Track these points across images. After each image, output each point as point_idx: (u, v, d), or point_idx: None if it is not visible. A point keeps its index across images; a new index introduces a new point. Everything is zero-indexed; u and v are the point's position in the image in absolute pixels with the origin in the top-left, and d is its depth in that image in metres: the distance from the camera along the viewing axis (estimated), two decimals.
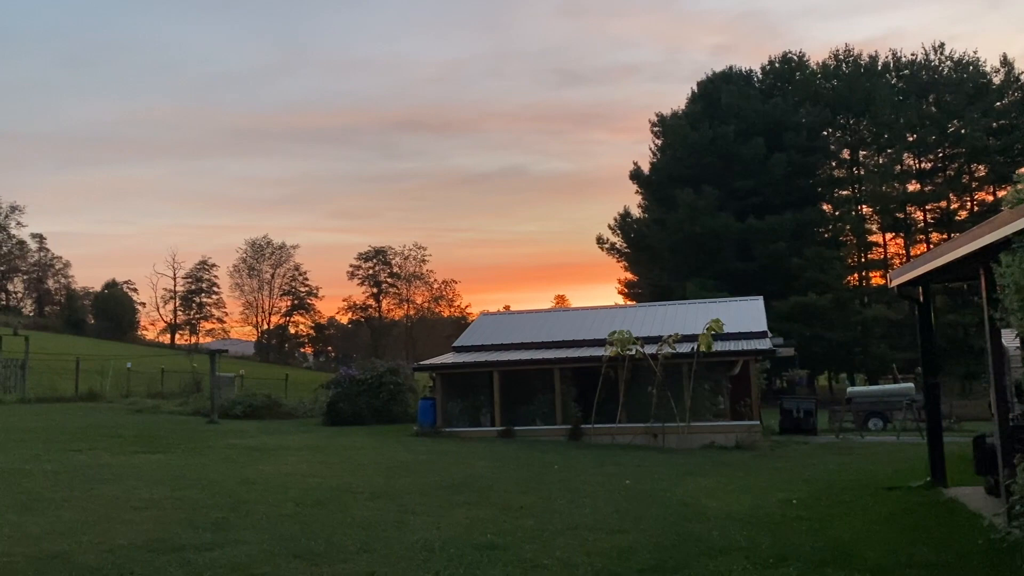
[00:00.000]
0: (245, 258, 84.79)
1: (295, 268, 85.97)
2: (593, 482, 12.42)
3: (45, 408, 25.08)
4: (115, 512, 9.20)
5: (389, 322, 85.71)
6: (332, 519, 9.03)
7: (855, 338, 48.52)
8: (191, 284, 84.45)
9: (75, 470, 12.33)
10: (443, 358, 22.72)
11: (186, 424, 22.00)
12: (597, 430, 19.39)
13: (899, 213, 53.64)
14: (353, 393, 24.71)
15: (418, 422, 21.11)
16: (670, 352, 19.22)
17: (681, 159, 52.55)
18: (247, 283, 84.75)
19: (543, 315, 26.52)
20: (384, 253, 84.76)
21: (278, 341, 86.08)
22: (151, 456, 14.41)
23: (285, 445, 16.82)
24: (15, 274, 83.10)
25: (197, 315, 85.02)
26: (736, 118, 52.08)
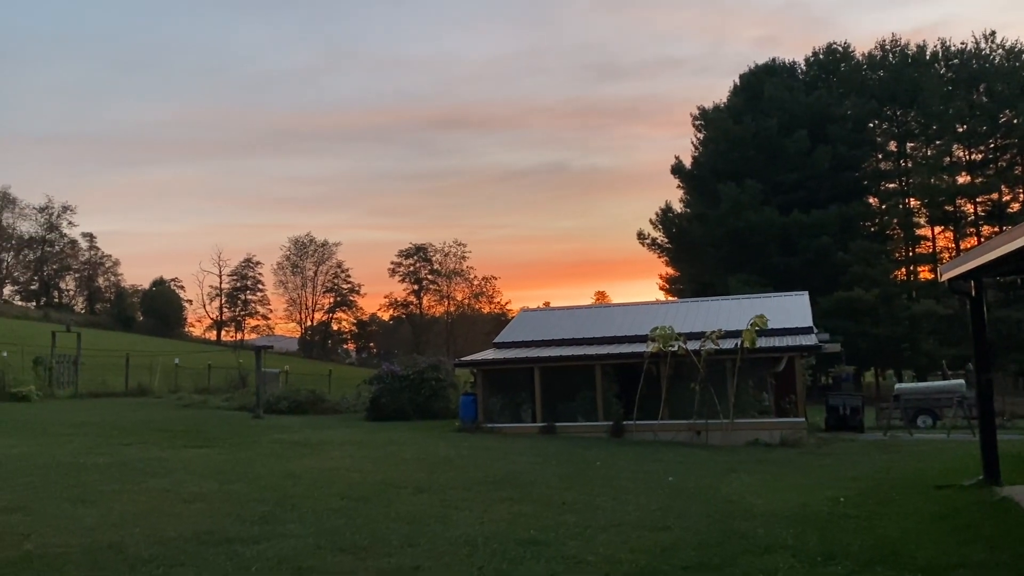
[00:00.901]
0: (289, 256, 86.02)
1: (338, 265, 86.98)
2: (636, 479, 12.34)
3: (97, 403, 25.74)
4: (165, 505, 9.39)
5: (430, 319, 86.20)
6: (376, 513, 9.11)
7: (903, 334, 47.52)
8: (236, 281, 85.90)
9: (126, 463, 12.63)
10: (484, 354, 22.76)
11: (232, 419, 22.40)
12: (639, 427, 19.27)
13: (948, 206, 52.39)
14: (395, 389, 24.87)
15: (459, 418, 21.18)
16: (713, 348, 19.01)
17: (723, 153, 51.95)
18: (291, 280, 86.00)
19: (584, 311, 26.43)
20: (425, 250, 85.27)
21: (321, 337, 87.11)
22: (199, 450, 14.70)
23: (329, 440, 17.01)
24: (67, 272, 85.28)
25: (242, 312, 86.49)
26: (779, 111, 51.33)
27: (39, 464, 12.24)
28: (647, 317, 22.75)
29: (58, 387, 27.84)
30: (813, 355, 21.35)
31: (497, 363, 21.39)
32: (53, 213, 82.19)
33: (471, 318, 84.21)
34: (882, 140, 55.24)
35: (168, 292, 79.76)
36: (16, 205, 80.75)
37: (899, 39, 56.11)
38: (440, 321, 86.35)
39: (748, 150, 50.57)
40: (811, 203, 49.10)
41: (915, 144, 54.83)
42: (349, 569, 6.76)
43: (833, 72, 56.40)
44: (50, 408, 23.01)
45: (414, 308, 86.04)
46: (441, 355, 34.59)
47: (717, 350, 19.03)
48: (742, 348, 18.80)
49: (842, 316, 43.66)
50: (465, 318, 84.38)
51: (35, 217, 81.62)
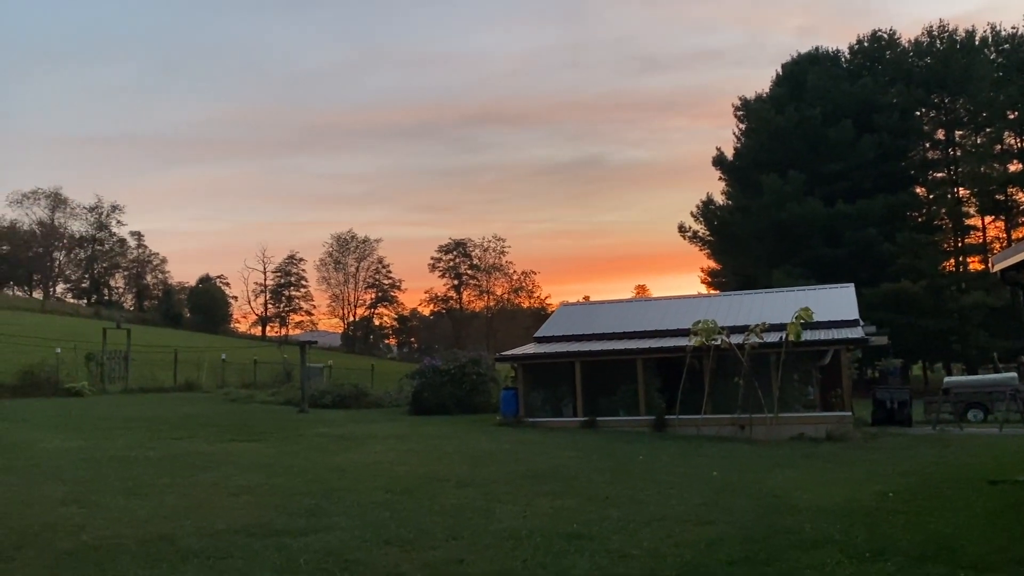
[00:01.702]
0: (331, 252, 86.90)
1: (378, 261, 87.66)
2: (679, 473, 12.27)
3: (146, 398, 26.31)
4: (214, 498, 9.58)
5: (470, 313, 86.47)
6: (420, 506, 9.18)
7: (952, 326, 46.42)
8: (280, 278, 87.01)
9: (176, 457, 12.90)
10: (525, 348, 22.79)
11: (278, 413, 22.74)
12: (682, 421, 19.15)
13: (999, 195, 50.98)
14: (437, 383, 25.03)
15: (501, 412, 21.25)
16: (757, 342, 18.80)
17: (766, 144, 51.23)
18: (333, 276, 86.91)
19: (624, 305, 26.29)
20: (464, 245, 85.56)
21: (363, 333, 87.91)
22: (246, 444, 14.95)
23: (372, 434, 17.19)
24: (116, 270, 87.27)
25: (286, 308, 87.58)
26: (823, 100, 50.44)
27: (93, 458, 12.56)
28: (689, 311, 22.56)
29: (109, 382, 28.51)
30: (859, 348, 20.98)
31: (538, 357, 21.39)
32: (103, 212, 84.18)
33: (511, 313, 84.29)
34: (929, 128, 53.95)
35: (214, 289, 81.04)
36: (67, 205, 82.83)
37: (947, 25, 54.74)
38: (480, 316, 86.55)
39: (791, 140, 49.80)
40: (856, 193, 48.19)
41: (964, 132, 53.44)
42: (394, 562, 6.83)
43: (878, 60, 55.20)
44: (102, 403, 23.59)
45: (454, 303, 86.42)
46: (481, 350, 34.68)
47: (761, 344, 18.80)
48: (786, 341, 18.55)
49: (889, 308, 42.78)
50: (505, 313, 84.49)
51: (85, 216, 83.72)
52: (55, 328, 38.99)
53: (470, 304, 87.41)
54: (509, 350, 23.58)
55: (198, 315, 74.28)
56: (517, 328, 74.94)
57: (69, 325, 43.75)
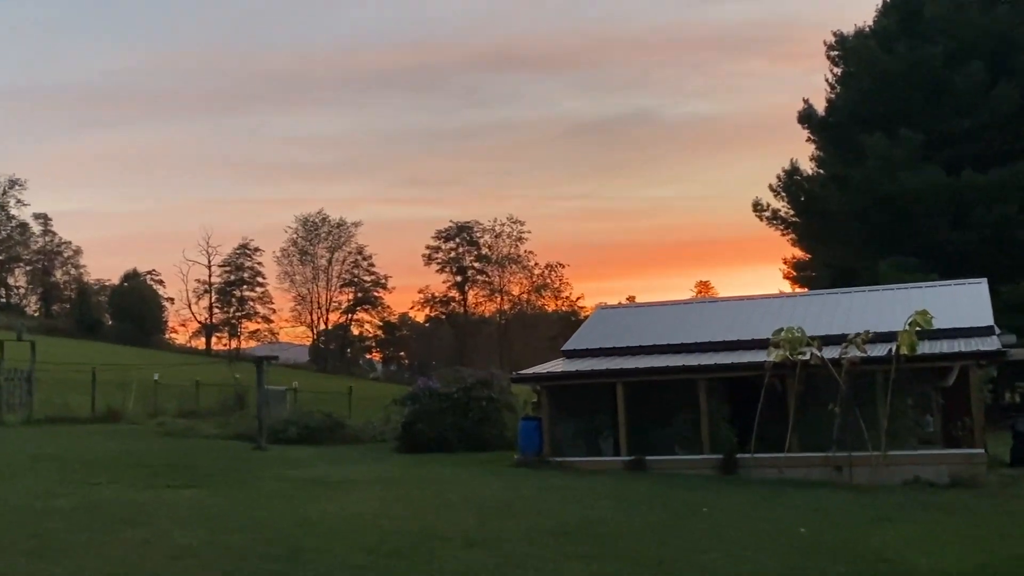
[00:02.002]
0: (295, 240, 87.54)
1: (358, 252, 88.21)
2: (755, 529, 12.26)
3: (56, 430, 26.45)
4: (145, 561, 9.64)
5: (477, 319, 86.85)
6: (415, 573, 9.22)
7: None
8: (229, 274, 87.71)
9: (95, 508, 12.99)
10: (550, 365, 22.80)
11: (228, 450, 22.85)
12: (758, 460, 19.09)
13: None
14: (434, 411, 25.14)
15: (518, 449, 21.27)
16: (858, 356, 18.69)
17: (869, 93, 50.90)
18: (298, 272, 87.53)
19: (681, 308, 26.24)
20: (470, 230, 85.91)
21: (338, 345, 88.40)
22: (186, 491, 15.02)
23: (352, 477, 17.25)
24: (16, 264, 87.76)
25: (238, 313, 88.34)
26: (946, 36, 50.07)
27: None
28: (767, 315, 22.47)
29: (8, 411, 28.67)
30: (994, 364, 20.80)
31: (568, 377, 21.40)
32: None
33: (531, 319, 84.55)
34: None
35: (143, 289, 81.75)
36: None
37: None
38: (491, 323, 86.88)
39: (903, 89, 49.45)
40: (989, 160, 47.80)
41: None
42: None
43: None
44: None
45: (457, 306, 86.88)
46: (493, 367, 34.78)
47: (864, 358, 18.70)
48: (897, 355, 18.45)
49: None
50: (523, 319, 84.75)
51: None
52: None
53: (478, 307, 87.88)
54: (530, 368, 23.58)
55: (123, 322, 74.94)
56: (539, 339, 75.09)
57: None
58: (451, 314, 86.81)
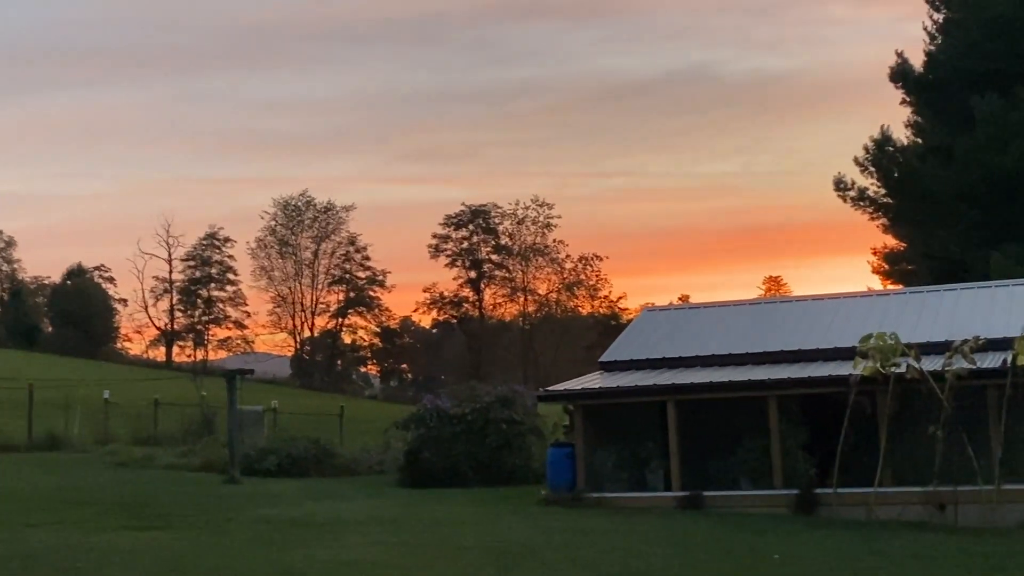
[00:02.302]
0: (274, 228, 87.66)
1: (350, 242, 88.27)
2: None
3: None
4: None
5: (496, 324, 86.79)
6: None
7: None
8: (194, 270, 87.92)
9: (34, 556, 12.95)
10: (586, 380, 22.73)
11: (194, 484, 22.89)
12: (842, 497, 18.93)
13: None
14: (444, 436, 25.08)
15: (547, 482, 21.20)
16: (966, 368, 18.53)
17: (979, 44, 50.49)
18: (278, 267, 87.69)
19: (746, 310, 26.08)
20: (486, 215, 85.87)
21: (327, 356, 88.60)
22: (143, 534, 15.00)
23: (344, 517, 17.21)
24: None
25: (205, 317, 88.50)
26: None
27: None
28: (852, 319, 22.32)
29: None
30: None
31: (607, 394, 21.33)
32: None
33: (562, 323, 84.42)
34: None
35: (90, 288, 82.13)
36: None
37: None
38: (512, 328, 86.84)
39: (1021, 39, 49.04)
40: None
41: None
42: None
43: None
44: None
45: (470, 308, 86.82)
46: (516, 382, 34.66)
47: (972, 371, 18.54)
48: (1014, 367, 18.27)
49: None
50: (552, 323, 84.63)
51: None
52: None
53: (496, 309, 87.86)
54: (560, 383, 23.51)
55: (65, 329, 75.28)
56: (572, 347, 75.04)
57: None
58: (464, 318, 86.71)
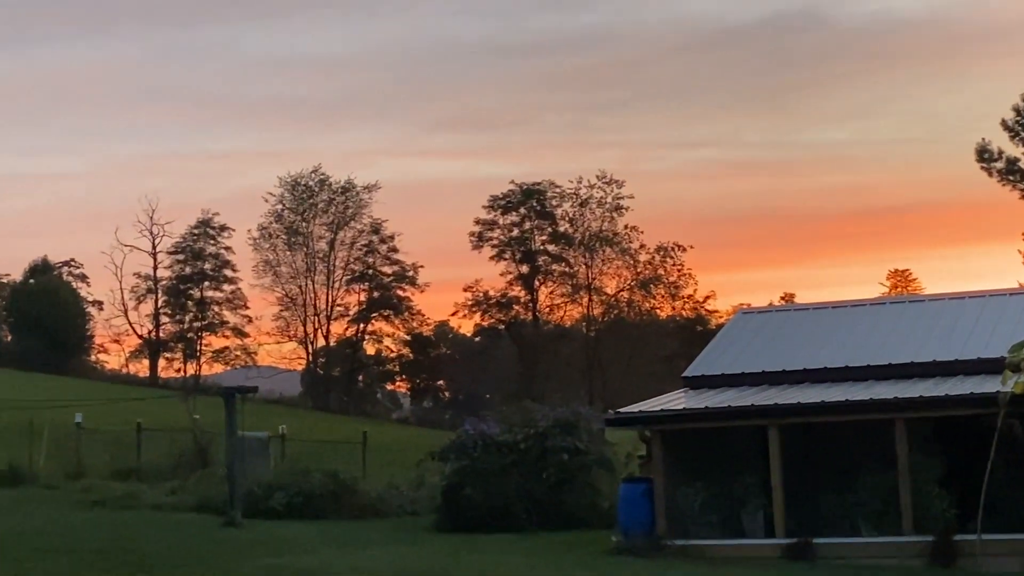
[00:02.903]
0: (280, 213, 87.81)
1: (373, 230, 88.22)
2: None
3: None
4: None
5: (554, 331, 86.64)
6: None
7: None
8: (184, 265, 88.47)
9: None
10: (666, 400, 22.76)
11: (185, 528, 22.99)
12: (989, 545, 18.82)
13: None
14: (491, 469, 25.15)
15: (618, 526, 21.24)
16: None
17: None
18: (285, 260, 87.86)
19: (865, 312, 26.01)
20: (541, 195, 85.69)
21: (345, 370, 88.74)
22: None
23: (368, 569, 17.27)
24: None
25: (197, 322, 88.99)
26: None
27: None
28: (1000, 323, 22.24)
29: None
30: None
31: (693, 417, 21.36)
32: None
33: (635, 329, 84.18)
34: None
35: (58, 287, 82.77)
36: None
37: None
38: (574, 335, 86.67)
39: None
40: None
41: None
42: None
43: None
44: None
45: (522, 311, 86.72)
46: (578, 402, 34.60)
47: None
48: None
49: None
50: (624, 329, 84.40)
51: None
52: None
53: (553, 313, 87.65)
54: (635, 404, 23.45)
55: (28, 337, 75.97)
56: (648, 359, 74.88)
57: None
58: (514, 322, 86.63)
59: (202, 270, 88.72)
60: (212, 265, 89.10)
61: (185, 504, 27.10)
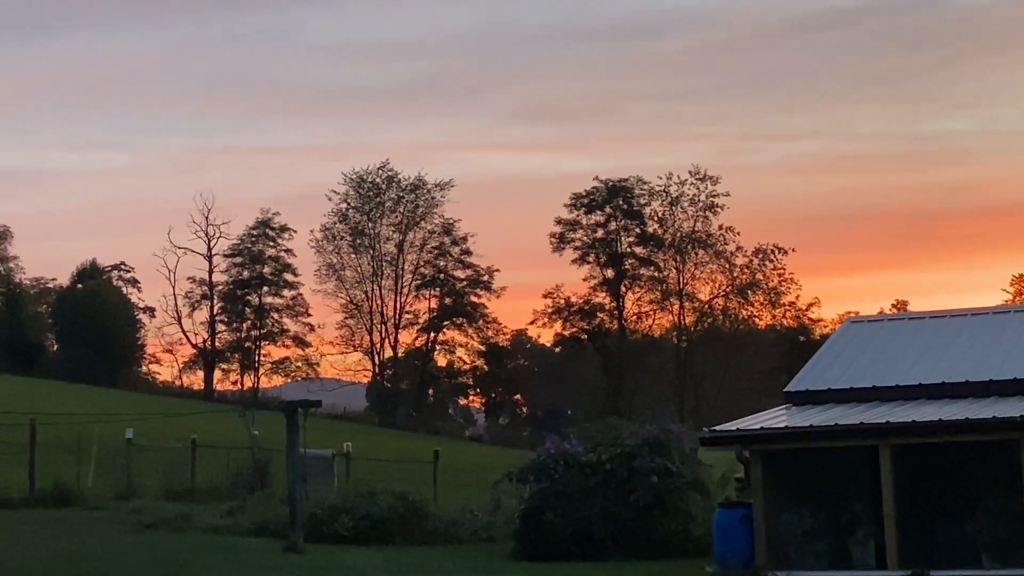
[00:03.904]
0: (345, 212, 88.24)
1: (444, 230, 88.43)
2: None
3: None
4: None
5: (641, 341, 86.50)
6: None
7: None
8: (241, 269, 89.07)
9: None
10: (766, 417, 22.69)
11: (243, 553, 23.18)
12: None
13: None
14: (574, 492, 25.11)
15: (714, 555, 21.23)
16: None
17: None
18: (349, 263, 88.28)
19: (987, 321, 25.73)
20: (627, 193, 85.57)
21: (415, 383, 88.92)
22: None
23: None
24: None
25: (255, 331, 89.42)
26: None
27: None
28: None
29: None
30: None
31: (796, 436, 21.19)
32: None
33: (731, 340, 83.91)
34: None
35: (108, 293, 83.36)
36: None
37: None
38: (664, 345, 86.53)
39: None
40: None
41: None
42: None
43: None
44: None
45: (607, 319, 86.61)
46: (669, 418, 34.50)
47: None
48: None
49: None
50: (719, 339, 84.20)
51: None
52: None
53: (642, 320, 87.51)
54: (731, 421, 23.43)
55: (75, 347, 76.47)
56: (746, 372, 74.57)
57: None
58: (598, 331, 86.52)
59: (261, 274, 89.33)
60: (271, 269, 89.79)
61: (242, 527, 27.25)
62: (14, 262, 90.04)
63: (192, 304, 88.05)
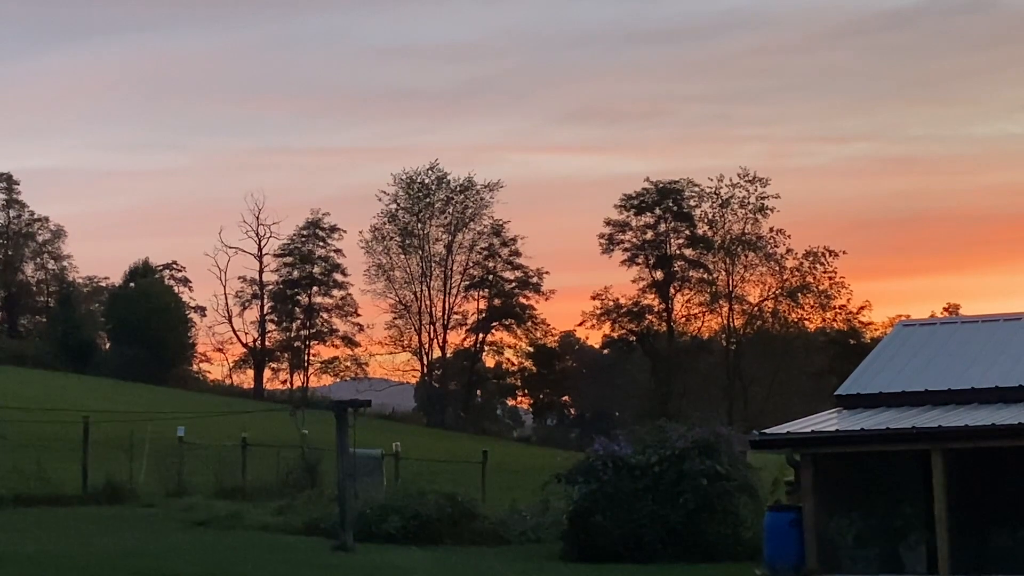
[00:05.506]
0: (394, 213, 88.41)
1: (494, 231, 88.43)
2: None
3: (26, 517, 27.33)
4: None
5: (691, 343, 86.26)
6: None
7: None
8: (292, 269, 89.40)
9: None
10: (817, 421, 22.61)
11: (293, 551, 23.26)
12: None
13: None
14: (622, 494, 25.07)
15: (764, 559, 21.20)
16: None
17: None
18: (399, 264, 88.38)
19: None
20: (678, 194, 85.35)
21: (464, 384, 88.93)
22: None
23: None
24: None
25: (304, 330, 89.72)
26: None
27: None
28: None
29: None
30: None
31: (847, 440, 21.13)
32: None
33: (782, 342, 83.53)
34: None
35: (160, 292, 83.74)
36: None
37: None
38: (713, 348, 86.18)
39: None
40: None
41: None
42: None
43: None
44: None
45: (655, 321, 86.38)
46: (718, 421, 34.37)
47: None
48: None
49: None
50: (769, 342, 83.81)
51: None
52: None
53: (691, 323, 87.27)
54: (782, 424, 23.37)
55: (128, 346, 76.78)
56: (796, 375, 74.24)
57: None
58: (647, 334, 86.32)
59: (310, 274, 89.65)
60: (321, 269, 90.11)
61: (292, 526, 27.41)
62: (68, 261, 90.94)
63: (243, 303, 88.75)
